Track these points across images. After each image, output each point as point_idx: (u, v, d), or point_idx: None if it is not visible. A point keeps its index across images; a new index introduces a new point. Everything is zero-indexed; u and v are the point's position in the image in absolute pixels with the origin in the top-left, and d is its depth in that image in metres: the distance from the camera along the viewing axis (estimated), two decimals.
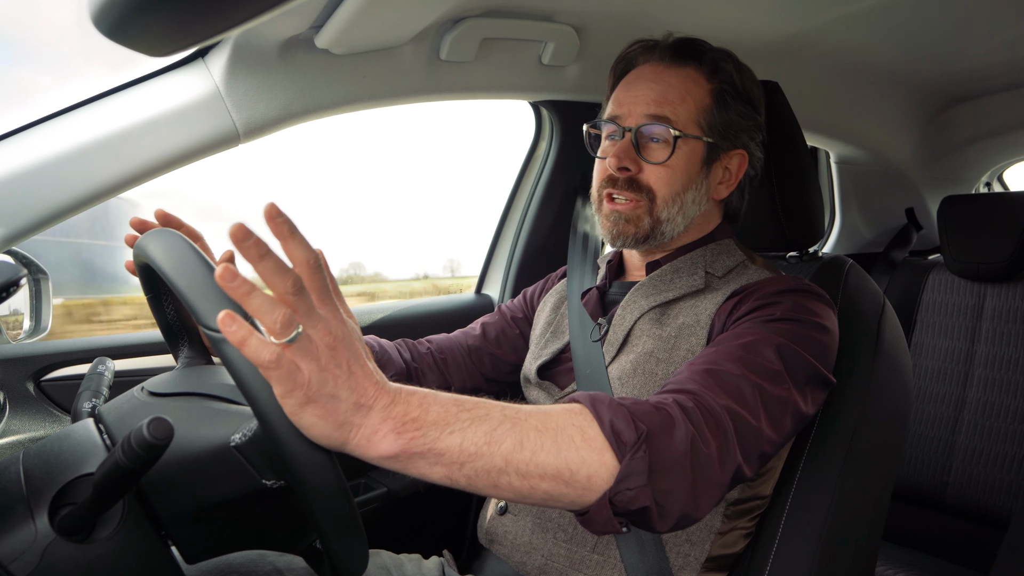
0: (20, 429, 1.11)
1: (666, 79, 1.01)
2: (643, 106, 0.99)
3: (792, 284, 0.95)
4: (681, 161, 0.99)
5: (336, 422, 0.57)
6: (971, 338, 1.80)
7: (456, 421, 0.63)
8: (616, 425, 0.70)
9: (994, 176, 2.54)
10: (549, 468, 0.66)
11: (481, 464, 0.63)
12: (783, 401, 0.82)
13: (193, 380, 0.76)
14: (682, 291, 1.01)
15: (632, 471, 0.69)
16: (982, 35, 1.54)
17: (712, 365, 0.81)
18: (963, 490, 1.72)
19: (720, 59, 1.02)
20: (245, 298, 0.52)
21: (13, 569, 0.59)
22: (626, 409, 0.71)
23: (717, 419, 0.75)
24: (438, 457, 0.61)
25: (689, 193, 1.00)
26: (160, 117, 1.01)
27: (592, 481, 0.68)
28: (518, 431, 0.65)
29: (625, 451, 0.69)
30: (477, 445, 0.63)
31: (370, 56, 1.15)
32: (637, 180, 1.00)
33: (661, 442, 0.71)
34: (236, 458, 0.66)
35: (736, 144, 1.03)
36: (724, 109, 1.01)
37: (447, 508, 1.52)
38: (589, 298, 1.12)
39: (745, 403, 0.78)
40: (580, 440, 0.68)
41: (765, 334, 0.85)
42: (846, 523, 0.99)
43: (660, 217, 1.00)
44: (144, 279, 0.88)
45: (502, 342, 1.23)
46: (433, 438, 0.61)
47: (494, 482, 0.65)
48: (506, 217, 1.70)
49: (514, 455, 0.64)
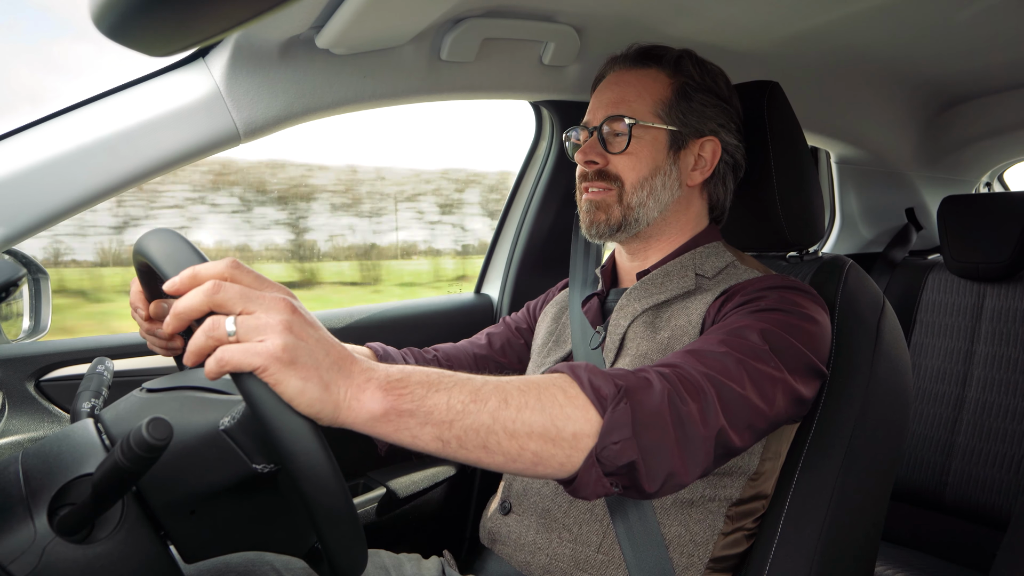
0: (20, 429, 1.11)
1: (626, 81, 1.08)
2: (604, 107, 1.07)
3: (780, 281, 0.97)
4: (643, 148, 1.04)
5: (321, 382, 0.58)
6: (970, 338, 1.80)
7: (439, 382, 0.65)
8: (595, 382, 0.72)
9: (994, 176, 2.54)
10: (536, 425, 0.67)
11: (469, 422, 0.65)
12: (771, 378, 0.84)
13: (188, 376, 0.76)
14: (673, 293, 1.02)
15: (616, 423, 0.71)
16: (982, 35, 1.54)
17: (695, 347, 0.84)
18: (962, 490, 1.72)
19: (680, 58, 1.08)
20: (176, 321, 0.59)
21: (12, 569, 0.59)
22: (602, 371, 0.74)
23: (695, 383, 0.78)
24: (427, 416, 0.63)
25: (658, 178, 1.05)
26: (160, 117, 1.01)
27: (578, 439, 0.70)
28: (502, 390, 0.68)
29: (607, 404, 0.71)
30: (463, 403, 0.65)
31: (371, 56, 1.15)
32: (606, 171, 1.06)
33: (639, 398, 0.73)
34: (226, 442, 0.67)
35: (703, 131, 1.07)
36: (685, 99, 1.06)
37: (447, 508, 1.52)
38: (590, 306, 1.13)
39: (729, 374, 0.81)
40: (563, 398, 0.70)
41: (750, 321, 0.88)
42: (846, 523, 0.99)
43: (630, 203, 1.04)
44: (145, 283, 0.88)
45: (507, 351, 1.25)
46: (420, 395, 0.63)
47: (483, 442, 0.66)
48: (506, 217, 1.70)
49: (500, 412, 0.66)
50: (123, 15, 0.47)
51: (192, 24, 0.48)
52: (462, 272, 5.12)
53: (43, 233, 0.99)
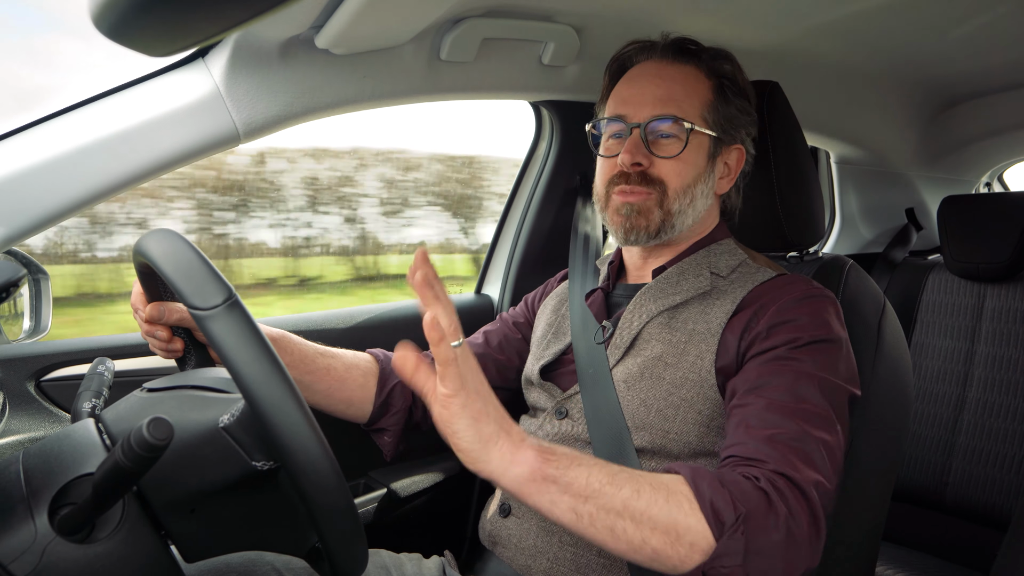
0: (20, 429, 1.11)
1: (670, 75, 1.02)
2: (650, 102, 1.01)
3: (801, 291, 0.95)
4: (691, 154, 1.01)
5: (483, 434, 0.67)
6: (971, 338, 1.80)
7: (582, 460, 0.71)
8: (715, 503, 0.73)
9: (994, 176, 2.54)
10: (660, 524, 0.71)
11: (604, 502, 0.70)
12: (837, 447, 0.85)
13: (188, 376, 0.76)
14: (689, 294, 1.01)
15: (728, 550, 0.72)
16: (982, 35, 1.54)
17: (774, 429, 0.82)
18: (963, 490, 1.72)
19: (718, 57, 1.05)
20: (434, 302, 0.66)
21: (13, 569, 0.59)
22: (727, 491, 0.74)
23: (809, 499, 0.77)
24: (567, 486, 0.70)
25: (699, 186, 1.02)
26: (160, 117, 1.01)
27: (694, 548, 0.72)
28: (635, 481, 0.72)
29: (723, 531, 0.72)
30: (601, 483, 0.71)
31: (370, 56, 1.15)
32: (648, 174, 1.00)
33: (759, 524, 0.74)
34: (225, 440, 0.67)
35: (736, 139, 1.05)
36: (726, 104, 1.03)
37: (447, 508, 1.52)
38: (594, 300, 1.11)
39: (823, 469, 0.81)
40: (688, 507, 0.73)
41: (801, 370, 0.87)
42: (846, 523, 0.99)
43: (671, 209, 1.00)
44: (145, 284, 0.88)
45: (505, 348, 1.23)
46: (564, 466, 0.70)
47: (612, 525, 0.71)
48: (506, 217, 1.70)
49: (632, 502, 0.71)
50: (123, 15, 0.47)
51: (192, 24, 0.48)
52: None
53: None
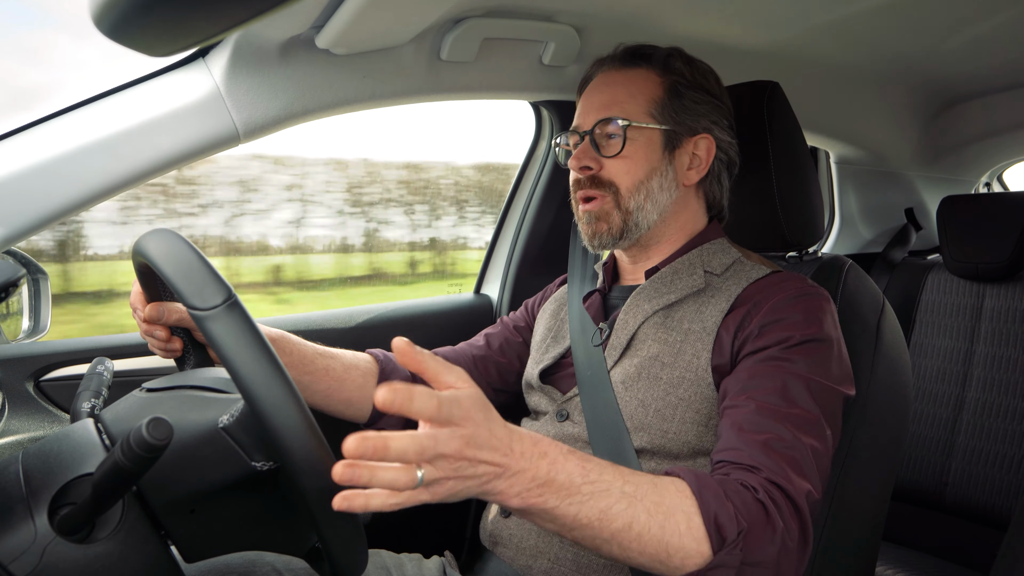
0: (20, 429, 1.11)
1: (617, 81, 1.07)
2: (596, 109, 1.06)
3: (795, 289, 0.96)
4: (638, 150, 1.03)
5: (464, 496, 0.66)
6: (970, 338, 1.80)
7: (577, 493, 0.70)
8: (720, 519, 0.74)
9: (994, 176, 2.54)
10: (649, 548, 0.73)
11: (589, 533, 0.71)
12: (826, 454, 0.87)
13: (188, 376, 0.76)
14: (684, 292, 1.02)
15: (724, 563, 0.74)
16: (982, 35, 1.54)
17: (767, 434, 0.84)
18: (962, 490, 1.72)
19: (670, 56, 1.07)
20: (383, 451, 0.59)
21: (13, 569, 0.59)
22: (731, 503, 0.76)
23: (800, 511, 0.80)
24: (554, 519, 0.70)
25: (654, 180, 1.04)
26: (160, 117, 1.01)
27: (685, 563, 0.74)
28: (630, 513, 0.72)
29: (724, 545, 0.74)
30: (590, 519, 0.70)
31: (370, 56, 1.15)
32: (599, 177, 1.04)
33: (757, 537, 0.76)
34: (225, 440, 0.67)
35: (697, 129, 1.06)
36: (677, 98, 1.05)
37: (448, 508, 1.52)
38: (592, 302, 1.12)
39: (812, 478, 0.83)
40: (684, 528, 0.74)
41: (793, 372, 0.88)
42: (846, 523, 0.99)
43: (628, 208, 1.03)
44: (144, 284, 0.88)
45: (506, 351, 1.24)
46: (553, 505, 0.69)
47: (597, 547, 0.73)
48: (505, 217, 1.70)
49: (621, 534, 0.72)
50: (123, 15, 0.47)
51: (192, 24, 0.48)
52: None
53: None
